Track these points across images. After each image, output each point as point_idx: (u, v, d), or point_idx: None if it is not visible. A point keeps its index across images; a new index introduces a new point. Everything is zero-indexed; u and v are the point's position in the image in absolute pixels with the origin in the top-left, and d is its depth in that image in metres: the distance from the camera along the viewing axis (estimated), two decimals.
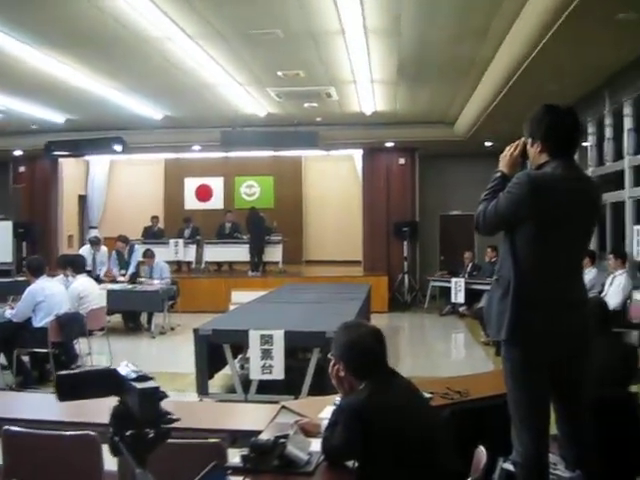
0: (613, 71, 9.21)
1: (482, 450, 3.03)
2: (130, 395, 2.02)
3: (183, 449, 3.24)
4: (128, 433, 2.01)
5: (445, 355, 10.36)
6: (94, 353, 9.40)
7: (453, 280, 14.18)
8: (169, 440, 3.32)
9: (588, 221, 3.44)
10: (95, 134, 15.42)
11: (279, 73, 10.60)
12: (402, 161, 16.94)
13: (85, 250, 13.53)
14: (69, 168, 18.49)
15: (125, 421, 2.03)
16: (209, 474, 2.38)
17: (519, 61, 8.56)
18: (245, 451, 3.04)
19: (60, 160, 17.62)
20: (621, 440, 4.11)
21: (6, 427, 3.41)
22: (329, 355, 3.20)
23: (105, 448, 2.76)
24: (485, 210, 3.39)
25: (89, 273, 12.38)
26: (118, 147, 15.28)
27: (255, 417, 3.83)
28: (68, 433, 3.32)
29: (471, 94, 11.75)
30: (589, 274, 10.26)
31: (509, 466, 3.33)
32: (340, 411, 2.97)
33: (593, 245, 11.33)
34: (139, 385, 2.01)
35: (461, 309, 14.27)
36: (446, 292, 14.52)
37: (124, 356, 9.62)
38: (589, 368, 3.53)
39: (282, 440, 2.98)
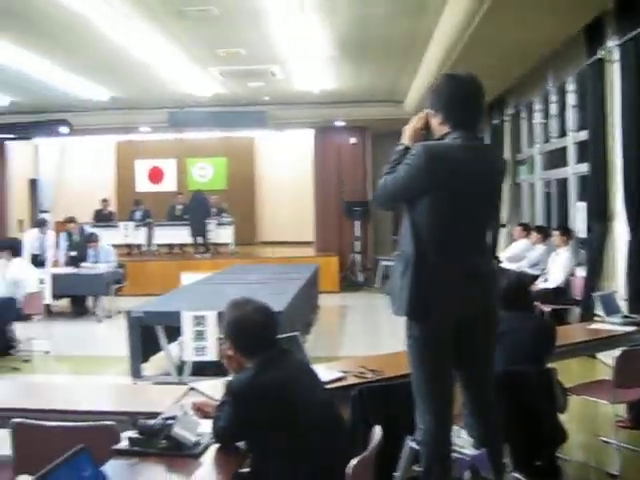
0: (555, 46, 9.16)
1: (377, 429, 2.97)
2: None
3: (75, 432, 3.15)
4: None
5: (390, 333, 10.26)
6: (36, 338, 9.30)
7: None
8: (62, 423, 3.27)
9: (489, 192, 3.37)
10: (41, 116, 15.16)
11: (219, 52, 10.43)
12: (353, 140, 16.87)
13: (32, 234, 13.27)
14: (19, 152, 18.12)
15: None
16: (73, 457, 2.29)
17: (458, 36, 8.49)
18: (134, 433, 2.96)
19: (8, 143, 17.24)
20: (536, 416, 4.10)
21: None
22: (220, 334, 3.12)
23: None
24: (385, 183, 3.31)
25: (36, 257, 12.24)
26: (64, 129, 15.11)
27: (162, 399, 3.72)
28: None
29: (416, 70, 11.68)
30: (538, 250, 10.28)
31: (414, 444, 3.28)
32: (227, 391, 2.89)
33: (540, 221, 11.39)
34: None
35: None
36: None
37: (67, 340, 9.50)
38: (498, 343, 3.48)
39: (169, 421, 2.89)
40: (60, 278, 11.31)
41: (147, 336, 7.24)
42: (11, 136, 16.15)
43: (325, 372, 3.99)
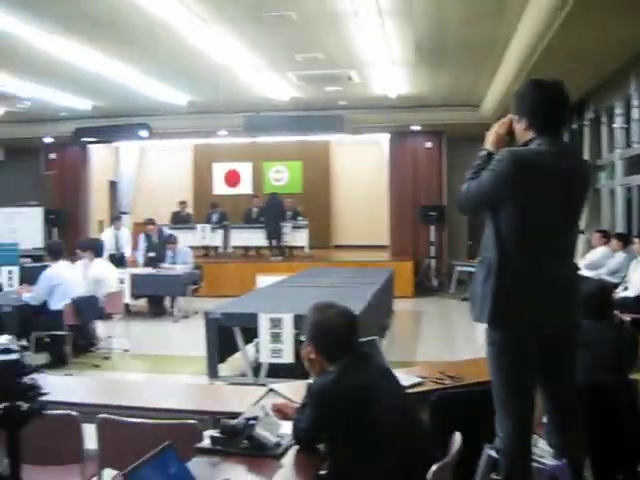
0: (638, 49, 8.96)
1: (457, 436, 2.96)
2: None
3: (159, 430, 3.24)
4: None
5: (465, 339, 10.18)
6: (116, 336, 9.59)
7: None
8: (146, 420, 3.35)
9: (575, 199, 3.32)
10: (122, 120, 15.62)
11: (298, 56, 10.50)
12: (429, 145, 16.77)
13: (108, 233, 13.63)
14: (99, 154, 18.58)
15: None
16: (160, 454, 2.35)
17: (537, 41, 8.37)
18: (216, 432, 3.02)
19: (90, 146, 17.72)
20: (618, 429, 4.01)
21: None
22: (301, 337, 3.15)
23: None
24: (468, 189, 3.30)
25: (112, 256, 12.54)
26: (144, 133, 15.49)
27: (241, 400, 3.78)
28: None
29: (494, 75, 11.56)
30: (618, 257, 10.06)
31: (493, 453, 3.25)
32: (308, 393, 2.92)
33: (620, 228, 11.13)
34: None
35: None
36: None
37: (145, 339, 9.72)
38: (579, 353, 3.42)
39: (251, 422, 2.94)
40: (139, 278, 11.59)
41: (224, 337, 7.36)
42: (93, 139, 16.60)
43: (403, 377, 3.98)
